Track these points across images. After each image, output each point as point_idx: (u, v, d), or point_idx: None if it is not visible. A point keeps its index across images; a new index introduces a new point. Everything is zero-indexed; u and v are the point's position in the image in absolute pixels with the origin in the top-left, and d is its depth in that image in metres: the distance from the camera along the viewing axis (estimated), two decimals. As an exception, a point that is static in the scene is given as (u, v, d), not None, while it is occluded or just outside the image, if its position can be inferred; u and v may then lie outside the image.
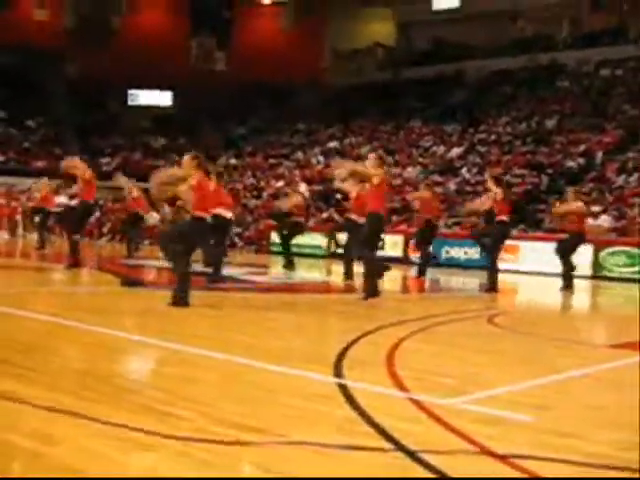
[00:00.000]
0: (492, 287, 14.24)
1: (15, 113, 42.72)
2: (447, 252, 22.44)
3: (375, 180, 11.86)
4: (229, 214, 12.91)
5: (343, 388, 5.32)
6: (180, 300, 9.70)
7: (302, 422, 4.44)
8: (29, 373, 5.42)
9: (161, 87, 45.76)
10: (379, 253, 12.08)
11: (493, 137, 32.11)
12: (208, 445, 3.94)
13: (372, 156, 12.35)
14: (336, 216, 18.56)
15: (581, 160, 27.36)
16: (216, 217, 11.46)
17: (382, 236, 12.18)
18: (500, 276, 14.60)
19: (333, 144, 37.18)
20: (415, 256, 18.74)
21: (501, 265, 14.94)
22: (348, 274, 15.27)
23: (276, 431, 4.24)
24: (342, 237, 16.35)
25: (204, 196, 10.12)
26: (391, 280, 16.22)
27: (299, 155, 37.39)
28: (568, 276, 15.36)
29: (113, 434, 4.07)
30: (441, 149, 32.65)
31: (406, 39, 45.22)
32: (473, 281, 17.68)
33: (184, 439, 4.02)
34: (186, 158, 10.17)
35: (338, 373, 5.85)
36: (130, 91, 46.76)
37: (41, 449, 3.78)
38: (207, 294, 10.69)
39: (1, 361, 5.88)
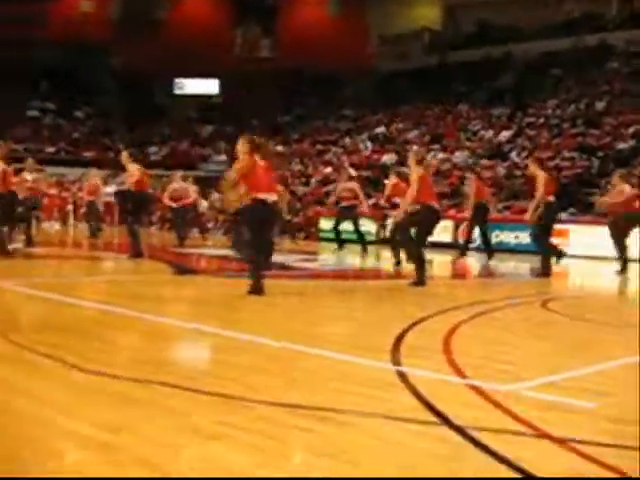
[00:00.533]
0: (545, 272, 14.09)
1: (64, 105, 43.20)
2: (497, 236, 22.25)
3: (413, 177, 11.89)
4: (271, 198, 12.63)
5: (402, 375, 5.32)
6: (257, 288, 9.74)
7: (364, 410, 4.44)
8: (87, 362, 5.48)
9: (207, 76, 45.91)
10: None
11: (542, 120, 31.77)
12: (272, 433, 3.97)
13: (411, 154, 12.43)
14: (383, 201, 18.52)
15: (632, 142, 26.99)
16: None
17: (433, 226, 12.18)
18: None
19: (380, 130, 37.07)
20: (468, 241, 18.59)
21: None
22: (397, 260, 15.31)
23: (339, 419, 4.26)
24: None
25: (251, 182, 9.99)
26: (441, 265, 16.17)
27: (346, 141, 37.34)
28: (622, 260, 15.22)
29: (178, 423, 4.11)
30: (489, 133, 32.41)
31: (452, 22, 44.90)
32: (524, 266, 17.55)
33: (247, 428, 4.05)
34: (240, 141, 10.11)
35: (396, 360, 5.85)
36: (177, 80, 46.99)
37: (109, 439, 3.83)
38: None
39: (59, 349, 5.96)
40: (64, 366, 5.36)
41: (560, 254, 15.19)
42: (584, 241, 20.54)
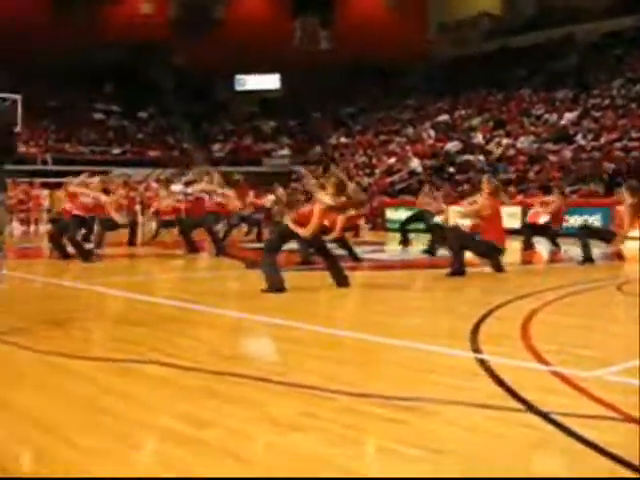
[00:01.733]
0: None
1: (128, 106, 43.74)
2: (566, 220, 21.96)
3: (485, 213, 11.80)
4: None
5: (483, 363, 5.32)
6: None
7: (448, 398, 4.45)
8: (167, 357, 5.59)
9: (268, 71, 46.06)
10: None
11: (607, 101, 31.30)
12: (357, 424, 4.00)
13: (485, 184, 12.31)
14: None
15: (701, 119, 26.52)
16: None
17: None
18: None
19: (443, 117, 36.89)
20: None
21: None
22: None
23: (424, 409, 4.28)
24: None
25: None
26: (512, 252, 16.02)
27: (409, 130, 37.22)
28: None
29: (260, 415, 4.17)
30: (553, 117, 32.03)
31: (512, 6, 44.44)
32: (594, 250, 17.30)
33: (332, 419, 4.09)
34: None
35: (476, 348, 5.85)
36: (237, 76, 47.19)
37: (195, 432, 3.89)
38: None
39: (139, 345, 6.10)
40: (145, 362, 5.48)
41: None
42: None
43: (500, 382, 4.78)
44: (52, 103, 41.48)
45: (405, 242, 18.35)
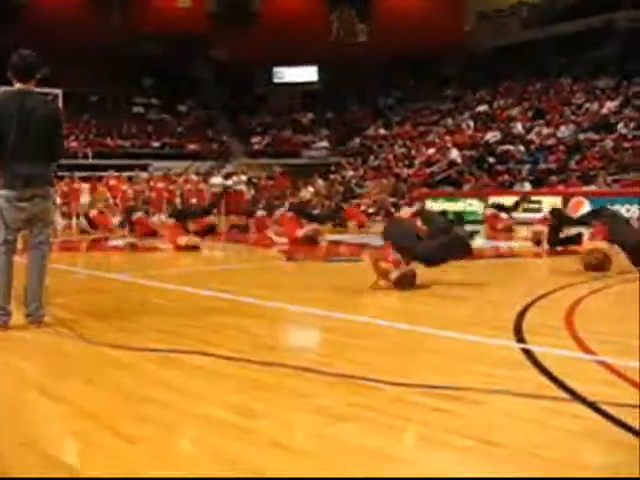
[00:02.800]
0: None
1: (167, 99, 43.98)
2: (608, 210, 21.81)
3: None
4: None
5: (528, 353, 5.30)
6: None
7: (495, 388, 4.44)
8: (216, 349, 5.60)
9: (306, 63, 46.04)
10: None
11: (649, 89, 30.97)
12: (409, 414, 4.01)
13: None
14: None
15: None
16: None
17: None
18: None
19: (482, 108, 36.69)
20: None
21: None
22: None
23: (472, 398, 4.27)
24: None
25: None
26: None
27: (448, 121, 37.05)
28: None
29: (309, 405, 4.19)
30: (594, 106, 31.71)
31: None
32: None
33: (379, 409, 4.10)
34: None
35: (520, 338, 5.83)
36: (276, 69, 47.23)
37: (242, 422, 3.91)
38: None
39: (184, 337, 6.15)
40: (190, 352, 5.50)
41: None
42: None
43: (545, 372, 4.76)
44: (92, 97, 41.80)
45: None
